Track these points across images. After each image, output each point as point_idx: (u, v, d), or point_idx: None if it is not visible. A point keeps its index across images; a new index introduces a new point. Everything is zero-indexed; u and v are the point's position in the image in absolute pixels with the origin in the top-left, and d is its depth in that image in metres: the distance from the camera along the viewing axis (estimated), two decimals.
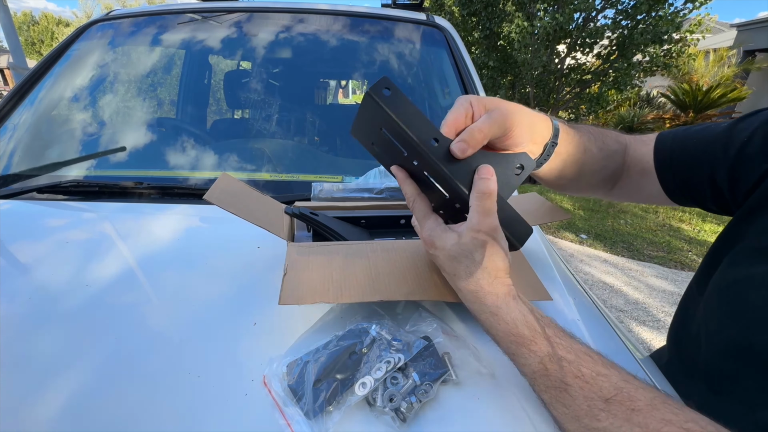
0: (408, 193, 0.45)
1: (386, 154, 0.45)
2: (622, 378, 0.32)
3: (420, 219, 0.44)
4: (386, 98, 0.38)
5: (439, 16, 1.34)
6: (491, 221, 0.39)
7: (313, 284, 0.45)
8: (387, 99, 0.38)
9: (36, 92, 1.05)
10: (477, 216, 0.39)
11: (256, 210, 0.56)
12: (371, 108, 0.39)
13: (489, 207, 0.39)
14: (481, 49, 7.11)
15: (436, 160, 0.39)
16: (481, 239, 0.39)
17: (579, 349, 0.35)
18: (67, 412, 0.36)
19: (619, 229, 3.79)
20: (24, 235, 0.66)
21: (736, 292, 0.42)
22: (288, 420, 0.35)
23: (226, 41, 1.20)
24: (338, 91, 3.16)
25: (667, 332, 0.59)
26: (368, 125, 0.44)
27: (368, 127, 0.44)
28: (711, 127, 0.51)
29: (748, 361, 0.40)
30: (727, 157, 0.46)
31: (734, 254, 0.45)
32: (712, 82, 8.09)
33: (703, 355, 0.45)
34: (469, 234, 0.39)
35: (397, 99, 0.38)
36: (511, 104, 0.44)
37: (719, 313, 0.44)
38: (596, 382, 0.32)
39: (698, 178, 0.50)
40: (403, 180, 0.45)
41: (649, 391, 0.31)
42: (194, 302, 0.51)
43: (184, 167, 0.93)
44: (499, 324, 0.38)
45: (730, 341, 0.42)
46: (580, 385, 0.32)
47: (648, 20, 5.48)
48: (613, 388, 0.31)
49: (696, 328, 0.48)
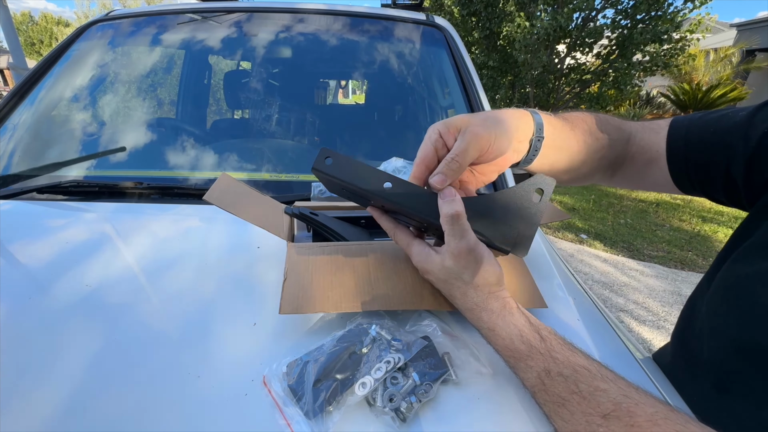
0: (387, 228, 0.46)
1: (359, 199, 0.50)
2: (621, 392, 0.32)
3: (406, 248, 0.45)
4: (329, 167, 0.42)
5: (438, 16, 1.33)
6: (467, 241, 0.39)
7: (312, 292, 0.45)
8: (330, 167, 0.42)
9: (36, 92, 1.05)
10: (453, 240, 0.40)
11: (255, 210, 0.56)
12: (322, 178, 0.44)
13: (460, 228, 0.39)
14: (481, 49, 7.11)
15: (395, 201, 0.42)
16: (463, 261, 0.40)
17: (577, 362, 0.34)
18: (66, 412, 0.36)
19: (619, 228, 3.79)
20: (24, 235, 0.66)
21: (743, 289, 0.41)
22: (288, 420, 0.35)
23: (226, 41, 1.20)
24: (338, 91, 3.16)
25: (666, 331, 0.59)
26: (331, 186, 0.49)
27: (333, 187, 0.50)
28: (729, 115, 0.49)
29: (753, 359, 0.39)
30: (747, 148, 0.44)
31: (742, 251, 0.44)
32: (712, 82, 8.09)
33: (707, 353, 0.45)
34: (450, 259, 0.40)
35: (339, 164, 0.42)
36: (480, 117, 0.43)
37: (724, 310, 0.44)
38: (594, 397, 0.32)
39: (713, 167, 0.48)
40: (379, 217, 0.47)
41: (650, 405, 0.30)
42: (194, 302, 0.51)
43: (184, 167, 0.93)
44: (496, 340, 0.39)
45: (735, 339, 0.41)
46: (578, 400, 0.32)
47: (647, 20, 5.48)
48: (611, 403, 0.31)
49: (700, 324, 0.48)
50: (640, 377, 0.45)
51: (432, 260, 0.42)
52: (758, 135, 0.44)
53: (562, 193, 4.88)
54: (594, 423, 0.31)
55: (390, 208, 0.45)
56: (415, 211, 0.42)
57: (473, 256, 0.40)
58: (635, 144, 0.55)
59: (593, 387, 0.32)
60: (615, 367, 0.35)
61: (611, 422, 0.30)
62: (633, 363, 0.47)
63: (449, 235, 0.40)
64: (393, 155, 0.80)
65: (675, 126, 0.52)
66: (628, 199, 4.71)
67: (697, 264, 3.12)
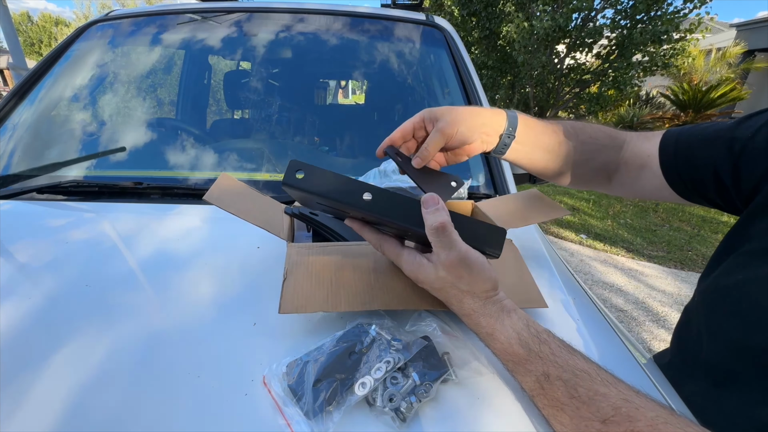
0: (372, 240, 0.46)
1: (337, 213, 0.47)
2: (621, 397, 0.31)
3: (395, 260, 0.45)
4: (301, 181, 0.39)
5: (438, 16, 1.33)
6: (458, 251, 0.39)
7: (312, 291, 0.45)
8: (302, 181, 0.39)
9: (36, 92, 1.05)
10: (442, 252, 0.39)
11: (255, 210, 0.56)
12: (295, 194, 0.41)
13: (448, 239, 0.39)
14: (481, 49, 7.11)
15: (377, 213, 0.40)
16: (456, 271, 0.39)
17: (576, 366, 0.34)
18: (66, 412, 0.36)
19: (618, 228, 3.79)
20: (24, 236, 0.66)
21: (741, 292, 0.42)
22: (288, 420, 0.35)
23: (225, 41, 1.20)
24: (338, 91, 3.17)
25: (666, 331, 0.60)
26: (305, 201, 0.45)
27: (308, 202, 0.46)
28: (716, 125, 0.51)
29: (750, 361, 0.40)
30: (732, 154, 0.46)
31: (738, 255, 0.45)
32: (712, 82, 8.09)
33: (706, 354, 0.45)
34: (442, 269, 0.40)
35: (312, 176, 0.39)
36: (458, 110, 0.52)
37: (721, 312, 0.44)
38: (593, 402, 0.31)
39: (702, 174, 0.50)
40: (361, 229, 0.46)
41: (650, 410, 0.30)
42: (194, 302, 0.51)
43: (183, 167, 0.93)
44: (495, 344, 0.38)
45: (733, 340, 0.42)
46: (577, 405, 0.32)
47: (647, 20, 5.49)
48: (611, 408, 0.30)
49: (696, 327, 0.48)
50: (639, 377, 0.45)
51: (425, 271, 0.41)
52: (744, 139, 0.45)
53: (562, 193, 4.89)
54: (593, 428, 0.30)
55: (371, 220, 0.43)
56: (399, 221, 0.40)
57: (465, 264, 0.39)
58: (628, 150, 0.57)
59: (593, 391, 0.32)
60: (614, 367, 0.35)
61: (610, 427, 0.30)
62: (632, 363, 0.47)
63: (438, 246, 0.39)
64: None
65: (666, 138, 0.55)
66: (627, 199, 4.71)
67: (697, 264, 3.12)
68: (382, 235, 0.46)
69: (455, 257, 0.39)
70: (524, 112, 0.57)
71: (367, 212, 0.40)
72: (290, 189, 0.40)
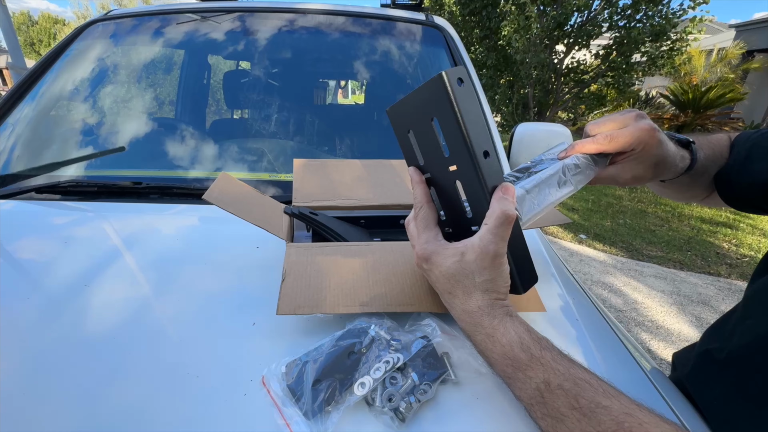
0: (418, 197, 0.43)
1: (418, 147, 0.41)
2: (624, 410, 0.30)
3: (420, 228, 0.42)
4: (458, 89, 0.34)
5: (438, 16, 1.34)
6: (501, 247, 0.37)
7: (310, 293, 0.45)
8: (458, 90, 0.34)
9: (34, 92, 1.05)
10: (490, 236, 0.37)
11: (255, 210, 0.55)
12: (436, 92, 0.35)
13: (504, 231, 0.37)
14: (481, 48, 7.11)
15: (478, 174, 0.36)
16: (484, 262, 0.37)
17: (578, 375, 0.33)
18: (66, 412, 0.36)
19: (618, 228, 3.79)
20: (22, 235, 0.66)
21: None
22: (287, 420, 0.35)
23: (225, 41, 1.20)
24: (337, 91, 3.16)
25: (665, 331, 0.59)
26: (418, 110, 0.38)
27: (416, 112, 0.39)
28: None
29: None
30: None
31: None
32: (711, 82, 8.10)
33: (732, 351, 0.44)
34: (475, 253, 0.37)
35: (467, 94, 0.34)
36: (657, 138, 0.46)
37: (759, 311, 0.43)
38: (595, 415, 0.30)
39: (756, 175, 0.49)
40: (418, 183, 0.43)
41: (654, 425, 0.29)
42: (193, 302, 0.51)
43: (183, 167, 0.93)
44: (494, 346, 0.36)
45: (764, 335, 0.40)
46: (578, 417, 0.30)
47: (644, 20, 5.53)
48: (613, 422, 0.29)
49: (731, 328, 0.46)
50: (639, 377, 0.45)
51: (444, 252, 0.39)
52: None
53: None
54: None
55: (453, 178, 0.39)
56: (486, 195, 0.37)
57: (497, 262, 0.37)
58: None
59: (594, 403, 0.31)
60: (616, 372, 0.34)
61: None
62: (633, 364, 0.47)
63: (489, 232, 0.36)
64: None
65: (737, 143, 0.53)
66: (627, 199, 4.71)
67: (696, 264, 3.12)
68: (430, 200, 0.43)
69: (493, 250, 0.37)
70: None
71: (472, 164, 0.36)
72: (441, 85, 0.34)
